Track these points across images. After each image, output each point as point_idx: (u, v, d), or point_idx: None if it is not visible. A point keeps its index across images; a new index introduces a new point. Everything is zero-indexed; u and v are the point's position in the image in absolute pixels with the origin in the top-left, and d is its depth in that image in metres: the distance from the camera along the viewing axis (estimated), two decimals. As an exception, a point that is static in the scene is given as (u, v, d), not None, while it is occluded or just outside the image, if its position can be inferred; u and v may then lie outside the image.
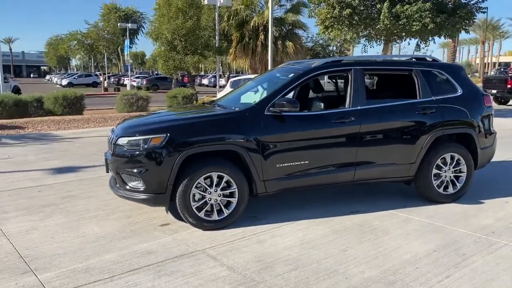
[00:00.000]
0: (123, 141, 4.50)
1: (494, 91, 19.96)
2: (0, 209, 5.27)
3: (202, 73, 67.65)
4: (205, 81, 51.02)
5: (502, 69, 28.36)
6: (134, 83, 40.88)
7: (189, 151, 4.35)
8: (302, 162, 4.75)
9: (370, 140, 5.00)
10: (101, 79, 41.78)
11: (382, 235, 4.41)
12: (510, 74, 21.20)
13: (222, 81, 34.59)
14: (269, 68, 16.09)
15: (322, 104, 5.56)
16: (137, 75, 49.34)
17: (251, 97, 5.75)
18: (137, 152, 4.38)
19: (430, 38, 15.47)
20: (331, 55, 28.41)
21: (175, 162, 4.31)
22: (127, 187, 4.52)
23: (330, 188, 5.92)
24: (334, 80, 7.27)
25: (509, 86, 19.71)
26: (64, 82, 46.17)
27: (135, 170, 4.40)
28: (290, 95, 6.29)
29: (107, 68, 54.84)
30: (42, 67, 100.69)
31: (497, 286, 3.38)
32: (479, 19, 65.63)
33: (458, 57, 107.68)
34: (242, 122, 4.58)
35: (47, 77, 69.80)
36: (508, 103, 21.61)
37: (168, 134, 4.35)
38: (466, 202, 5.42)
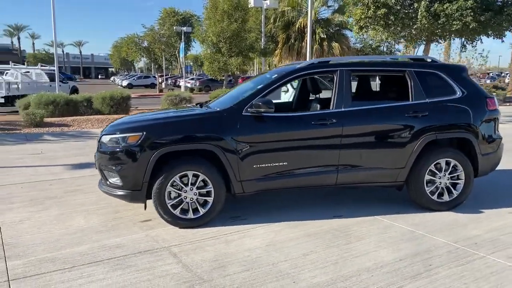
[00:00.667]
0: (106, 138, 4.70)
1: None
2: (8, 200, 5.68)
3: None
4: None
5: None
6: (188, 85, 41.98)
7: (163, 150, 4.46)
8: (280, 164, 4.72)
9: (354, 143, 4.86)
10: (159, 80, 43.31)
11: (355, 240, 4.29)
12: None
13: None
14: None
15: (319, 106, 5.47)
16: (192, 77, 50.63)
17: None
18: (117, 150, 4.56)
19: (477, 38, 14.62)
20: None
21: (150, 160, 4.44)
22: (108, 182, 4.72)
23: (322, 190, 5.85)
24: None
25: None
26: (124, 83, 48.31)
27: (114, 167, 4.58)
28: (289, 95, 6.29)
29: (169, 70, 56.77)
30: (109, 69, 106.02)
31: (449, 300, 3.21)
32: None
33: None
34: (219, 122, 4.63)
35: (111, 78, 73.47)
36: None
37: (144, 133, 4.49)
38: (464, 210, 5.12)
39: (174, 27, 38.46)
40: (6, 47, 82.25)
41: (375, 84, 6.03)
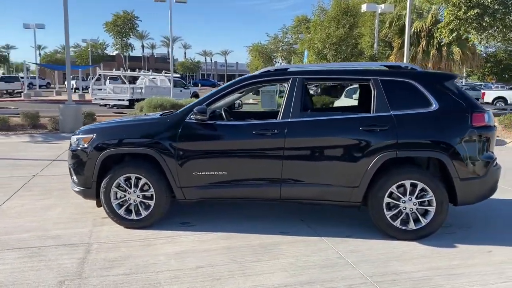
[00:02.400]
0: (73, 139, 5.15)
1: None
2: (29, 188, 6.56)
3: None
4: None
5: None
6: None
7: (107, 152, 4.74)
8: (220, 173, 4.63)
9: (298, 156, 4.52)
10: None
11: (266, 259, 4.01)
12: None
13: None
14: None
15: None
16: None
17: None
18: (76, 149, 4.97)
19: None
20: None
21: (97, 161, 4.76)
22: (72, 179, 5.17)
23: (295, 205, 5.53)
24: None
25: None
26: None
27: (73, 165, 5.00)
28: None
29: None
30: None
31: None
32: None
33: None
34: (161, 128, 4.73)
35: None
36: None
37: (94, 135, 4.84)
38: (433, 242, 4.39)
39: (300, 35, 38.96)
40: (163, 56, 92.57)
41: (334, 94, 5.45)
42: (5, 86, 36.63)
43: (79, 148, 4.94)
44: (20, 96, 33.86)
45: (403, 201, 4.41)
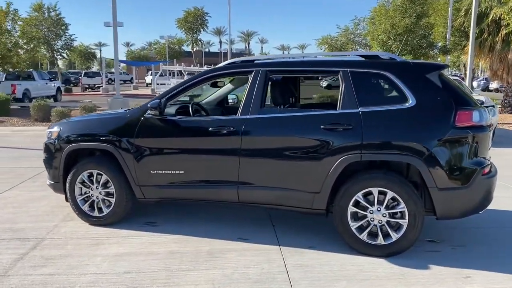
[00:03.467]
0: (47, 132, 5.14)
1: None
2: (34, 179, 6.75)
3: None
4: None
5: None
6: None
7: (70, 147, 4.66)
8: (176, 172, 4.35)
9: (255, 156, 4.08)
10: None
11: (202, 268, 3.68)
12: None
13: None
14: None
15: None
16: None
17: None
18: (47, 143, 4.95)
19: None
20: None
21: (62, 155, 4.70)
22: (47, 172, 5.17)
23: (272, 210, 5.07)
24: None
25: None
26: (324, 83, 49.52)
27: (44, 159, 4.99)
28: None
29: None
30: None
31: None
32: None
33: None
34: (121, 123, 4.55)
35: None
36: None
37: (60, 129, 4.79)
38: (405, 261, 3.76)
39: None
40: (240, 52, 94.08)
41: (302, 88, 4.85)
42: (88, 81, 39.26)
43: (49, 142, 4.91)
44: (100, 91, 36.03)
45: (371, 211, 3.82)
